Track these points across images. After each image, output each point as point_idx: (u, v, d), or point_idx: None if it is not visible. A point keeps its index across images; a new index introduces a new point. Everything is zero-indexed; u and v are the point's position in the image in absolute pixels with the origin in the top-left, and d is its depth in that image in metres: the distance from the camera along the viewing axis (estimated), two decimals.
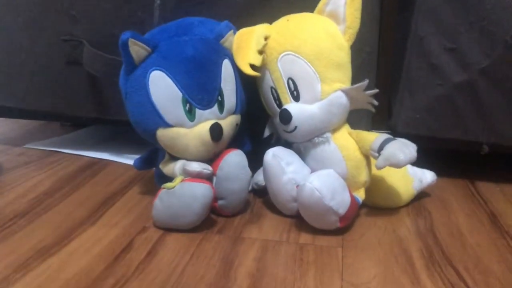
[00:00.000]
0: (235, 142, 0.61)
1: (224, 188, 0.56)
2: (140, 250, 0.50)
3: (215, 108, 0.56)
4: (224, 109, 0.57)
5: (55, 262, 0.47)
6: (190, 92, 0.55)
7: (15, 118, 0.94)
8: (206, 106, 0.56)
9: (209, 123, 0.55)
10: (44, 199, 0.62)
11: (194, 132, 0.55)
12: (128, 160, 0.76)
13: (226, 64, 0.58)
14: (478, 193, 0.67)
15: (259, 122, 0.63)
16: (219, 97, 0.57)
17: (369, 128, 0.68)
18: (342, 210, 0.52)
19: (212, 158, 0.57)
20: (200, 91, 0.55)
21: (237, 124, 0.60)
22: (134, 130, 0.58)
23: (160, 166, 0.59)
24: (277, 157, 0.56)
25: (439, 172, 0.65)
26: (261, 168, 0.60)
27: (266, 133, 0.63)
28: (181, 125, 0.55)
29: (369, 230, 0.56)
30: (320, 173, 0.53)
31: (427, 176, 0.64)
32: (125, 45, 0.52)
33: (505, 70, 0.62)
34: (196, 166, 0.55)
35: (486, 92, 0.63)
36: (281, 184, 0.56)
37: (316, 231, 0.54)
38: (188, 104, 0.55)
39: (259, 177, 0.62)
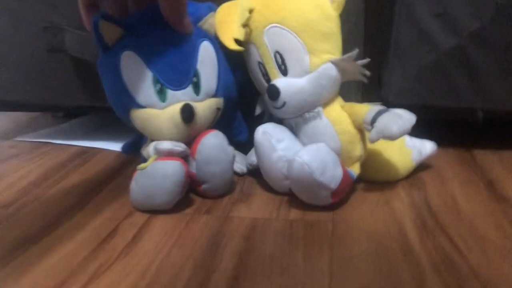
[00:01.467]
0: (230, 129, 0.60)
1: (205, 172, 0.54)
2: (125, 234, 0.49)
3: (189, 89, 0.55)
4: (200, 91, 0.56)
5: (38, 250, 0.46)
6: (161, 72, 0.53)
7: (1, 111, 0.93)
8: (178, 86, 0.54)
9: (181, 104, 0.54)
10: (31, 189, 0.61)
11: (166, 113, 0.54)
12: (119, 147, 0.75)
13: (205, 46, 0.56)
14: (475, 161, 0.65)
15: (251, 103, 0.61)
16: (194, 78, 0.55)
17: (359, 100, 0.67)
18: (334, 184, 0.51)
19: (189, 142, 0.56)
20: (172, 72, 0.54)
21: (218, 108, 0.58)
22: None
23: (141, 150, 0.58)
24: (267, 134, 0.55)
25: (433, 141, 0.63)
26: (254, 148, 0.58)
27: (258, 110, 0.61)
28: (152, 106, 0.54)
29: (361, 204, 0.54)
30: (310, 147, 0.52)
31: (427, 147, 0.62)
32: (97, 26, 0.51)
33: (496, 33, 0.59)
34: (167, 144, 0.53)
35: (478, 57, 0.61)
36: (272, 162, 0.55)
37: (307, 207, 0.53)
38: (159, 84, 0.53)
39: (252, 157, 0.61)
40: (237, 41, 0.55)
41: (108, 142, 0.78)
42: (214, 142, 0.55)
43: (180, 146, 0.54)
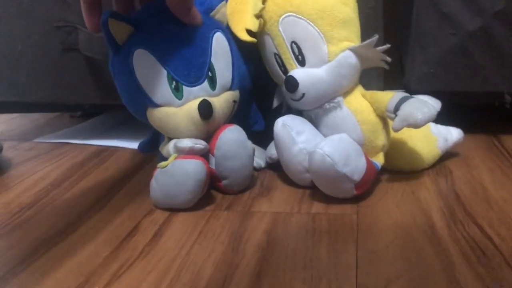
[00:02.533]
0: (245, 120, 0.59)
1: (225, 167, 0.53)
2: (146, 232, 0.48)
3: (205, 84, 0.53)
4: (216, 85, 0.54)
5: (59, 250, 0.46)
6: (175, 68, 0.52)
7: (18, 112, 0.94)
8: (194, 82, 0.53)
9: (198, 101, 0.52)
10: (51, 190, 0.61)
11: (183, 110, 0.53)
12: (136, 145, 0.74)
13: (217, 37, 0.55)
14: (503, 146, 0.63)
15: (268, 95, 0.60)
16: (209, 73, 0.54)
17: (381, 88, 0.65)
18: (357, 176, 0.49)
19: (208, 138, 0.54)
20: (186, 67, 0.52)
21: (234, 101, 0.57)
22: None
23: (160, 148, 0.57)
24: (286, 126, 0.53)
25: (459, 128, 0.61)
26: (273, 141, 0.57)
27: (275, 103, 0.59)
28: (169, 104, 0.53)
29: (385, 195, 0.53)
30: (331, 138, 0.50)
31: (453, 134, 0.60)
32: (105, 25, 0.49)
33: None
34: (187, 142, 0.52)
35: (503, 38, 0.58)
36: (292, 155, 0.53)
37: (329, 200, 0.52)
38: (174, 82, 0.52)
39: (272, 150, 0.59)
40: (249, 32, 0.53)
41: (125, 140, 0.78)
42: (232, 137, 0.53)
43: (200, 144, 0.53)
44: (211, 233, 0.47)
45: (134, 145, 0.75)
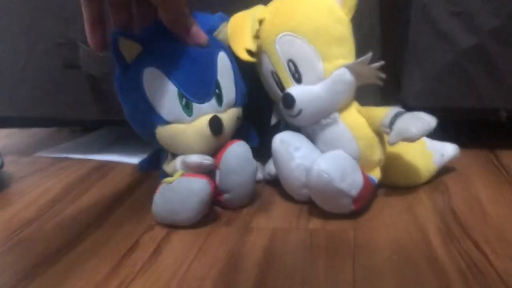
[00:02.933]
0: (241, 137, 0.60)
1: (229, 181, 0.54)
2: (146, 248, 0.49)
3: (213, 101, 0.55)
4: (223, 102, 0.55)
5: (60, 267, 0.46)
6: (185, 86, 0.53)
7: (19, 127, 0.94)
8: (203, 99, 0.54)
9: (208, 117, 0.53)
10: (52, 205, 0.61)
11: (193, 127, 0.54)
12: (136, 160, 0.74)
13: (221, 57, 0.56)
14: (500, 163, 0.64)
15: (265, 113, 0.61)
16: (216, 90, 0.55)
17: (378, 104, 0.65)
18: (355, 191, 0.50)
19: (214, 153, 0.55)
20: (195, 85, 0.53)
21: (238, 118, 0.58)
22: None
23: (163, 166, 0.57)
24: (284, 142, 0.54)
25: (456, 144, 0.61)
26: (272, 157, 0.58)
27: (273, 120, 0.60)
28: (179, 121, 0.54)
29: (382, 210, 0.53)
30: (327, 155, 0.51)
31: (448, 150, 0.61)
32: (115, 43, 0.51)
33: None
34: (195, 158, 0.53)
35: (498, 55, 0.59)
36: (290, 170, 0.54)
37: (327, 215, 0.52)
38: (184, 99, 0.53)
39: (271, 166, 0.60)
40: (249, 52, 0.55)
41: (125, 155, 0.78)
42: (240, 152, 0.54)
43: (208, 160, 0.54)
44: (210, 250, 0.48)
45: (134, 160, 0.75)
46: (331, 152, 0.52)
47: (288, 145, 0.54)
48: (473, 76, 0.61)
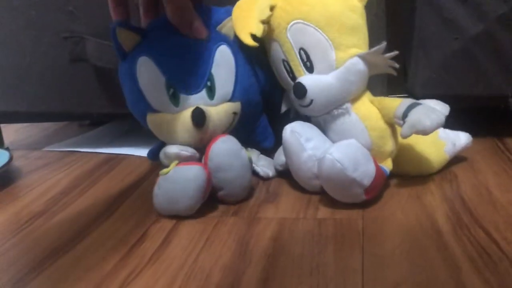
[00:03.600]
0: (254, 135, 0.60)
1: (219, 179, 0.53)
2: (154, 239, 0.49)
3: (203, 93, 0.55)
4: (215, 94, 0.55)
5: (69, 259, 0.46)
6: (173, 76, 0.53)
7: (26, 122, 0.95)
8: (191, 91, 0.54)
9: (192, 109, 0.54)
10: (60, 198, 0.62)
11: (178, 117, 0.54)
12: (145, 152, 0.75)
13: (222, 50, 0.56)
14: (508, 150, 0.63)
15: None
16: (208, 83, 0.55)
17: (384, 93, 0.65)
18: (367, 181, 0.49)
19: (203, 147, 0.55)
20: (184, 75, 0.54)
21: (234, 113, 0.57)
22: None
23: (160, 155, 0.58)
24: (295, 133, 0.53)
25: (468, 133, 0.61)
26: (281, 147, 0.57)
27: (283, 108, 0.60)
28: (166, 110, 0.54)
29: (391, 199, 0.53)
30: (340, 144, 0.50)
31: (461, 138, 0.59)
32: (114, 33, 0.52)
33: None
34: (174, 149, 0.54)
35: (506, 41, 0.58)
36: (301, 162, 0.53)
37: (335, 205, 0.52)
38: (171, 89, 0.54)
39: (281, 157, 0.59)
40: (254, 38, 0.54)
41: (133, 148, 0.78)
42: (225, 148, 0.53)
43: (186, 151, 0.54)
44: (218, 240, 0.48)
45: (142, 152, 0.75)
46: (344, 141, 0.51)
47: (299, 136, 0.53)
48: (481, 63, 0.60)
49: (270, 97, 0.61)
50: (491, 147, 0.65)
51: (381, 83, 0.65)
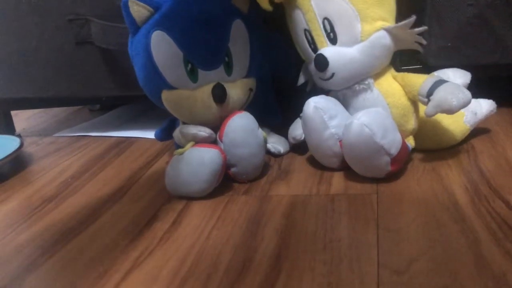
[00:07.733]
0: (264, 112, 0.58)
1: (233, 155, 0.52)
2: (165, 220, 0.48)
3: (221, 69, 0.53)
4: (232, 70, 0.54)
5: (80, 241, 0.46)
6: (192, 51, 0.52)
7: (36, 108, 0.95)
8: (210, 66, 0.52)
9: (212, 85, 0.52)
10: (71, 182, 0.61)
11: (197, 94, 0.52)
12: (153, 135, 0.74)
13: (237, 24, 0.54)
14: None
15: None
16: (226, 58, 0.53)
17: (396, 64, 0.63)
18: (395, 150, 0.47)
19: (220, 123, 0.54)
20: (202, 51, 0.52)
21: (250, 89, 0.56)
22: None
23: (173, 134, 0.57)
24: (319, 109, 0.51)
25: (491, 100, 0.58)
26: (297, 120, 0.55)
27: (301, 80, 0.57)
28: (184, 87, 0.52)
29: (405, 173, 0.51)
30: (368, 110, 0.48)
31: (483, 106, 0.57)
32: (126, 6, 0.50)
33: None
34: (191, 129, 0.52)
35: None
36: (323, 139, 0.52)
37: (348, 180, 0.51)
38: (190, 64, 0.52)
39: (296, 131, 0.57)
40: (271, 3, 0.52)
41: (143, 131, 0.78)
42: (242, 124, 0.52)
43: (204, 131, 0.52)
44: (229, 218, 0.47)
45: (151, 135, 0.74)
46: (372, 108, 0.49)
47: (323, 113, 0.51)
48: (497, 30, 0.58)
49: (282, 72, 0.59)
50: (509, 117, 0.63)
51: (393, 55, 0.63)
